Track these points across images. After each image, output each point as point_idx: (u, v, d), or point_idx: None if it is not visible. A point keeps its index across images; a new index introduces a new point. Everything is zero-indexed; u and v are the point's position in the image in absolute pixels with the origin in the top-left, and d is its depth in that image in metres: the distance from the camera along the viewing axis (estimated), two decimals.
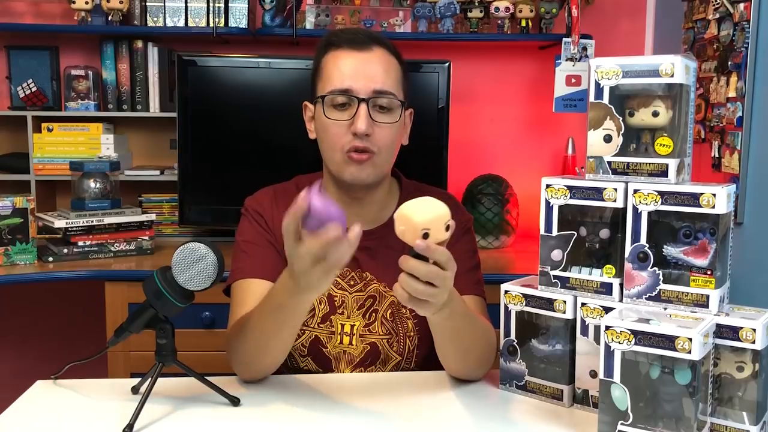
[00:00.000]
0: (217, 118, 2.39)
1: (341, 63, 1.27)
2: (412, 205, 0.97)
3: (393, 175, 1.40)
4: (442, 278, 0.99)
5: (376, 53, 1.27)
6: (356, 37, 1.28)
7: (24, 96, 2.51)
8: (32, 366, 2.71)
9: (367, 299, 1.33)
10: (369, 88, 1.24)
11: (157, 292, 1.07)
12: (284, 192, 1.39)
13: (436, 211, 0.97)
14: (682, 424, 0.94)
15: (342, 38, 1.29)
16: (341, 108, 1.26)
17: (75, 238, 2.21)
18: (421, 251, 0.96)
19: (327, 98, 1.26)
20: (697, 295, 1.03)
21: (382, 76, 1.26)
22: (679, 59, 1.02)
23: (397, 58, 1.31)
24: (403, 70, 1.32)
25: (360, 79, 1.25)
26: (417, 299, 1.00)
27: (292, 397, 1.19)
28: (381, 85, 1.25)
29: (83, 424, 1.09)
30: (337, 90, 1.25)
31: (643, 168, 1.06)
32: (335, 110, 1.26)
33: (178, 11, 2.51)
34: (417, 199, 0.98)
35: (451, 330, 1.15)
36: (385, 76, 1.26)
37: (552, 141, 2.74)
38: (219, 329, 2.04)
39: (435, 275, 0.98)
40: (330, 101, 1.26)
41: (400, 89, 1.29)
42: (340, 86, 1.25)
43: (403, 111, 1.29)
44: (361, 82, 1.24)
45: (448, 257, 0.98)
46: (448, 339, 1.17)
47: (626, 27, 2.71)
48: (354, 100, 1.24)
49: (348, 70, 1.25)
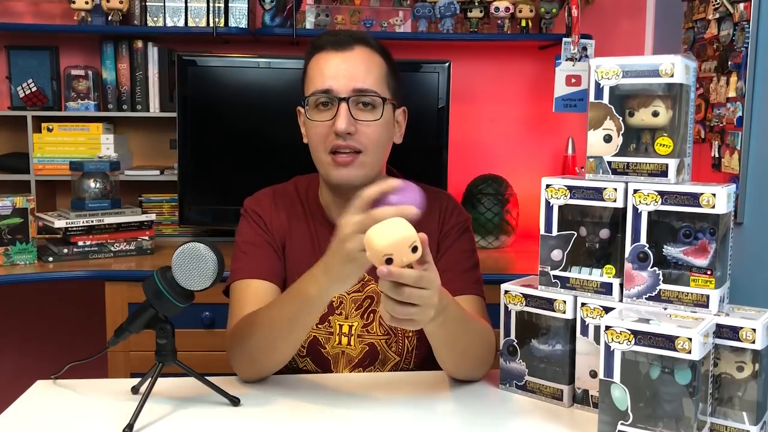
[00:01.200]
0: (217, 118, 2.39)
1: (323, 64, 1.27)
2: (376, 229, 0.94)
3: (389, 173, 1.39)
4: (418, 297, 0.97)
5: (357, 52, 1.27)
6: (338, 38, 1.28)
7: (24, 96, 2.51)
8: (32, 366, 2.71)
9: (365, 300, 1.33)
10: (349, 87, 1.24)
11: (157, 292, 1.07)
12: (283, 193, 1.39)
13: (400, 233, 0.92)
14: (682, 424, 0.95)
15: (325, 40, 1.29)
16: (324, 108, 1.26)
17: (75, 238, 2.21)
18: (384, 277, 0.93)
19: (310, 100, 1.27)
20: (697, 295, 1.03)
21: (362, 75, 1.25)
22: (679, 59, 1.02)
23: (383, 56, 1.30)
24: (390, 68, 1.31)
25: (340, 79, 1.24)
26: (400, 319, 0.99)
27: (292, 397, 1.19)
28: (362, 83, 1.25)
29: (83, 424, 1.09)
30: (318, 91, 1.25)
31: (643, 168, 1.06)
32: (318, 111, 1.26)
33: (178, 11, 2.51)
34: (384, 222, 0.95)
35: (446, 336, 1.14)
36: (366, 74, 1.26)
37: (552, 141, 2.73)
38: (219, 329, 2.04)
39: (410, 296, 0.96)
40: (313, 102, 1.27)
41: (384, 87, 1.28)
42: (321, 87, 1.25)
43: (386, 108, 1.27)
44: (341, 82, 1.24)
45: (419, 277, 0.96)
46: (443, 345, 1.17)
47: (626, 27, 2.71)
48: (335, 99, 1.24)
49: (329, 70, 1.26)
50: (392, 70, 1.31)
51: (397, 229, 0.93)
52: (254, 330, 1.18)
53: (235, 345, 1.22)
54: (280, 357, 1.20)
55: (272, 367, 1.23)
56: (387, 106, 1.28)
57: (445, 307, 1.07)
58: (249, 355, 1.21)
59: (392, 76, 1.31)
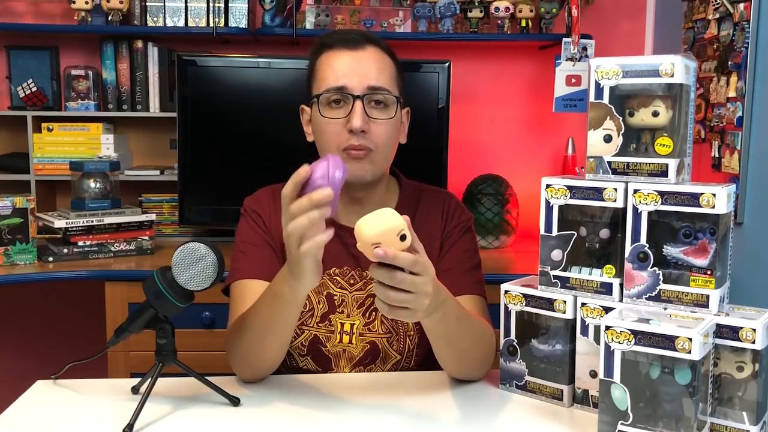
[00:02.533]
0: (217, 118, 2.39)
1: (335, 62, 1.27)
2: (365, 219, 0.96)
3: (392, 174, 1.40)
4: (411, 283, 0.97)
5: (369, 51, 1.28)
6: (349, 36, 1.29)
7: (24, 96, 2.51)
8: (32, 366, 2.72)
9: (366, 298, 1.33)
10: (363, 84, 1.25)
11: (157, 292, 1.07)
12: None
13: (388, 223, 0.94)
14: (682, 424, 0.95)
15: (335, 39, 1.30)
16: (336, 106, 1.26)
17: (75, 238, 2.21)
18: (381, 259, 0.94)
19: (322, 97, 1.27)
20: (697, 295, 1.03)
21: (375, 73, 1.26)
22: (679, 59, 1.02)
23: (392, 57, 1.32)
24: (398, 68, 1.32)
25: (354, 77, 1.25)
26: (396, 308, 0.99)
27: (292, 397, 1.19)
28: (375, 81, 1.25)
29: (83, 424, 1.09)
30: (332, 88, 1.25)
31: (643, 168, 1.06)
32: (330, 108, 1.27)
33: (178, 11, 2.51)
34: (373, 213, 0.96)
35: (445, 333, 1.14)
36: (379, 73, 1.27)
37: (552, 141, 2.74)
38: (219, 329, 2.04)
39: (402, 281, 0.96)
40: (325, 100, 1.27)
41: (395, 86, 1.29)
42: (335, 84, 1.25)
43: (399, 107, 1.30)
44: (355, 80, 1.25)
45: (413, 260, 0.96)
46: (442, 342, 1.17)
47: (626, 27, 2.71)
48: (349, 97, 1.25)
49: (342, 68, 1.26)
50: (399, 71, 1.33)
51: (385, 219, 0.95)
52: (243, 331, 1.19)
53: (230, 346, 1.23)
54: (270, 356, 1.20)
55: (265, 366, 1.23)
56: (398, 106, 1.29)
57: (443, 301, 1.07)
58: (242, 356, 1.21)
59: (400, 77, 1.33)
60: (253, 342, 1.18)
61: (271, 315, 1.14)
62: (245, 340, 1.18)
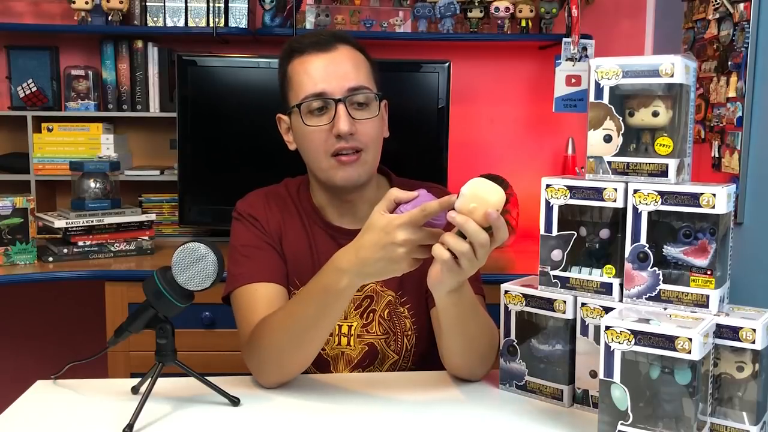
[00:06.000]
0: (217, 118, 2.39)
1: (310, 67, 1.25)
2: (485, 186, 1.02)
3: (380, 172, 1.38)
4: (485, 249, 1.00)
5: (341, 51, 1.26)
6: (319, 38, 1.27)
7: (24, 96, 2.51)
8: (32, 366, 2.71)
9: (364, 299, 1.33)
10: (342, 87, 1.23)
11: (157, 292, 1.07)
12: (276, 194, 1.38)
13: (501, 192, 1.03)
14: (682, 424, 0.94)
15: (304, 42, 1.28)
16: (319, 113, 1.25)
17: (75, 238, 2.21)
18: (494, 221, 1.00)
19: (303, 105, 1.25)
20: (697, 295, 1.02)
21: (353, 73, 1.25)
22: (679, 59, 1.02)
23: (363, 53, 1.30)
24: (371, 63, 1.31)
25: (332, 80, 1.23)
26: (453, 264, 1.00)
27: (292, 397, 1.19)
28: (354, 81, 1.24)
29: (83, 424, 1.09)
30: (311, 95, 1.24)
31: (643, 168, 1.06)
32: (313, 116, 1.25)
33: (178, 11, 2.51)
34: (483, 181, 1.03)
35: (458, 316, 1.14)
36: (356, 72, 1.25)
37: (552, 141, 2.73)
38: (219, 329, 2.04)
39: (484, 242, 0.99)
40: (306, 108, 1.25)
41: (372, 82, 1.28)
42: (313, 90, 1.24)
43: (379, 103, 1.28)
44: (333, 83, 1.23)
45: (504, 235, 1.01)
46: (454, 325, 1.15)
47: (626, 27, 2.71)
48: (330, 102, 1.23)
49: (318, 72, 1.24)
50: (373, 65, 1.31)
51: (496, 188, 1.03)
52: (277, 331, 1.16)
53: (254, 351, 1.19)
54: (305, 356, 1.18)
55: (298, 368, 1.20)
56: (379, 102, 1.28)
57: (463, 285, 1.08)
58: (273, 359, 1.18)
59: (375, 71, 1.31)
60: (293, 340, 1.15)
61: (319, 310, 1.11)
62: (282, 340, 1.15)
